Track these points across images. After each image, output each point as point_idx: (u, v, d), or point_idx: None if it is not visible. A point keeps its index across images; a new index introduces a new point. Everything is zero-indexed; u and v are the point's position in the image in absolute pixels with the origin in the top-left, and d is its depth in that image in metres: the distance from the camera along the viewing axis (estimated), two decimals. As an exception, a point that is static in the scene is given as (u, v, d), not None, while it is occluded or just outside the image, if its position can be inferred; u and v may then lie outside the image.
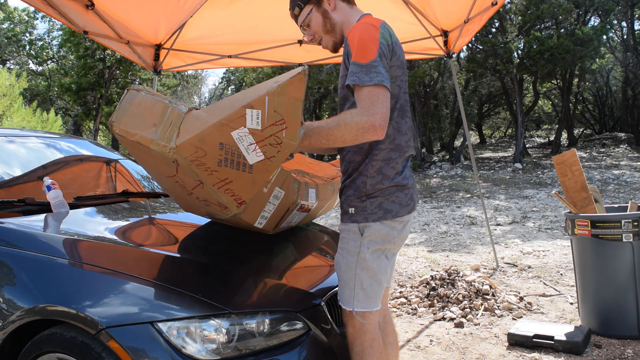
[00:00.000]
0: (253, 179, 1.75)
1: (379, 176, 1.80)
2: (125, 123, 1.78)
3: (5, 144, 2.60)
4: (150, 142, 1.70)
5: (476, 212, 8.71)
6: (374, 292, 1.84)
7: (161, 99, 1.75)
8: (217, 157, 1.67)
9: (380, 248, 1.83)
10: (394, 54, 1.74)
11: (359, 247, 1.82)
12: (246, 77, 22.46)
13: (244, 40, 4.82)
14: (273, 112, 1.64)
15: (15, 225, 1.98)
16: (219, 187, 1.74)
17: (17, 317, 1.73)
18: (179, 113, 1.68)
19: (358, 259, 1.82)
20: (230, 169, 1.70)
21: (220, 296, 1.72)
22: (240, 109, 1.62)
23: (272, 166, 1.75)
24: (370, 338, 1.85)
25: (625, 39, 18.91)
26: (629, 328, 3.09)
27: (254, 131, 1.65)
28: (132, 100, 1.81)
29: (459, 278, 4.13)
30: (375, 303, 1.86)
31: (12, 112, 10.53)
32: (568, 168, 3.39)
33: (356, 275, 1.83)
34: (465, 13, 4.06)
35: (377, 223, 1.80)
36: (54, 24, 25.51)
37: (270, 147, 1.69)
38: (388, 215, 1.80)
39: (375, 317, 1.88)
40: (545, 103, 24.67)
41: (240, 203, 1.82)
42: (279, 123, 1.66)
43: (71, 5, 3.38)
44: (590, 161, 14.64)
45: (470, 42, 16.20)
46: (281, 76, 1.66)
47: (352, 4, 1.92)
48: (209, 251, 2.07)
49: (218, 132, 1.63)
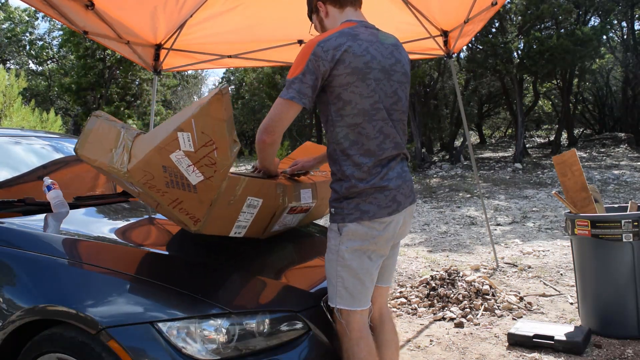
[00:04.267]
0: (199, 198, 1.79)
1: (352, 180, 1.84)
2: (87, 149, 1.86)
3: (5, 144, 2.60)
4: (107, 167, 1.75)
5: (476, 212, 8.71)
6: (357, 291, 1.86)
7: (115, 124, 1.81)
8: (164, 180, 1.71)
9: (361, 248, 1.85)
10: (338, 63, 1.78)
11: (337, 246, 1.86)
12: (246, 77, 22.47)
13: (244, 40, 4.82)
14: (201, 134, 1.69)
15: (15, 225, 1.98)
16: (173, 207, 1.78)
17: (17, 317, 1.73)
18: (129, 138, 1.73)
19: (337, 258, 1.86)
20: (178, 189, 1.74)
21: (220, 296, 1.72)
22: (172, 132, 1.67)
23: (213, 185, 1.78)
24: (357, 337, 1.87)
25: (625, 39, 18.92)
26: (629, 328, 3.09)
27: (188, 153, 1.70)
28: (92, 126, 1.88)
29: (459, 278, 4.13)
30: (359, 302, 1.88)
31: (11, 112, 10.52)
32: (568, 168, 3.39)
33: (337, 273, 1.87)
34: (465, 13, 4.06)
35: (353, 223, 1.83)
36: (54, 24, 25.51)
37: (206, 168, 1.74)
38: (364, 216, 1.82)
39: (360, 317, 1.89)
40: (545, 103, 24.67)
41: (195, 221, 1.85)
42: (209, 144, 1.72)
43: (71, 6, 3.38)
44: (590, 161, 14.64)
45: (470, 42, 16.19)
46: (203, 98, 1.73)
47: (343, 9, 1.97)
48: (209, 251, 2.07)
49: (159, 155, 1.68)
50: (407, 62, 2.01)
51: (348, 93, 1.81)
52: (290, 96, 1.77)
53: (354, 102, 1.82)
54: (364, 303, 1.89)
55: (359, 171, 1.84)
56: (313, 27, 2.11)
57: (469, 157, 10.14)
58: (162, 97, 22.80)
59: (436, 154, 20.19)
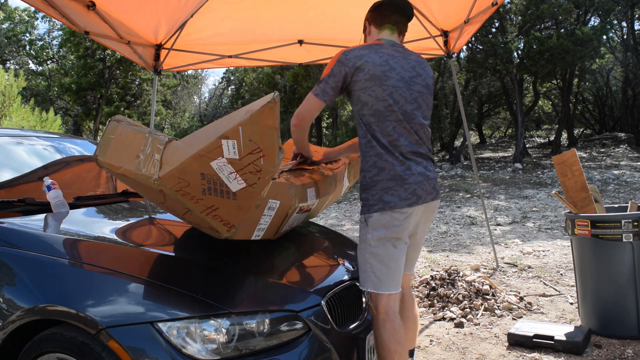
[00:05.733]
0: (238, 204, 1.78)
1: (374, 169, 2.12)
2: (108, 156, 1.80)
3: (5, 144, 2.60)
4: (134, 174, 1.71)
5: (476, 212, 8.71)
6: (384, 276, 2.10)
7: (141, 129, 1.77)
8: (200, 187, 1.68)
9: (385, 236, 2.09)
10: (358, 70, 2.11)
11: (365, 235, 2.13)
12: (246, 77, 22.45)
13: (244, 40, 4.83)
14: (248, 142, 1.67)
15: (15, 225, 1.98)
16: (207, 214, 1.76)
17: (17, 317, 1.73)
18: (159, 144, 1.69)
19: (366, 246, 2.12)
20: (215, 196, 1.72)
21: (220, 296, 1.72)
22: (216, 139, 1.64)
23: (255, 192, 1.77)
24: (382, 318, 2.09)
25: (625, 39, 18.91)
26: (629, 328, 3.09)
27: (232, 160, 1.68)
28: (113, 132, 1.83)
29: (459, 278, 4.13)
30: (387, 286, 2.11)
31: (11, 112, 10.52)
32: (568, 168, 3.39)
33: (366, 260, 2.12)
34: (465, 13, 4.06)
35: (377, 213, 2.09)
36: (54, 24, 25.51)
37: (250, 175, 1.72)
38: (387, 206, 2.08)
39: (387, 300, 2.11)
40: (545, 103, 24.66)
41: (229, 227, 1.84)
42: (255, 152, 1.69)
43: (72, 6, 3.38)
44: (590, 161, 14.64)
45: (470, 42, 16.20)
46: (252, 104, 1.69)
47: (381, 30, 2.31)
48: (209, 251, 2.07)
49: (197, 163, 1.65)
50: (430, 77, 2.29)
51: (366, 96, 2.12)
52: (316, 93, 2.14)
53: (370, 103, 2.12)
54: (393, 287, 2.12)
55: (380, 160, 2.11)
56: None
57: (469, 157, 10.14)
58: (162, 97, 22.78)
59: (436, 154, 20.19)
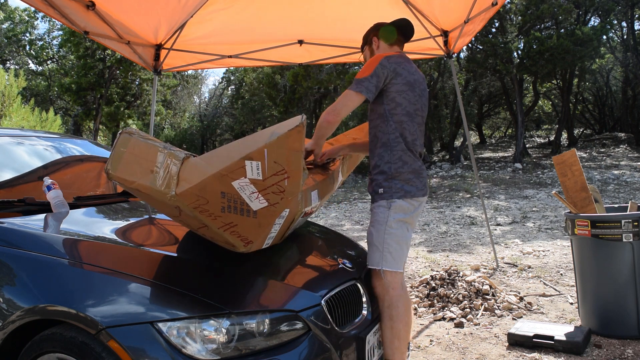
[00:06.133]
0: (258, 222, 1.76)
1: (399, 162, 2.40)
2: (121, 170, 1.74)
3: (5, 144, 2.60)
4: (149, 189, 1.68)
5: (476, 212, 8.71)
6: (399, 255, 2.38)
7: (155, 143, 1.73)
8: (220, 205, 1.65)
9: (403, 220, 2.39)
10: (397, 75, 2.37)
11: (386, 218, 2.38)
12: (246, 77, 22.43)
13: (244, 40, 4.82)
14: (273, 163, 1.64)
15: (16, 225, 1.98)
16: (224, 230, 1.73)
17: (17, 317, 1.73)
18: (176, 159, 1.65)
19: (386, 227, 2.37)
20: (235, 214, 1.69)
21: (220, 296, 1.72)
22: (240, 160, 1.61)
23: (276, 211, 1.75)
24: (397, 294, 2.33)
25: (625, 39, 18.90)
26: (629, 328, 3.08)
27: (255, 181, 1.65)
28: (125, 145, 1.76)
29: (459, 278, 4.13)
30: (399, 265, 2.37)
31: (11, 112, 10.52)
32: (568, 168, 3.39)
33: (384, 240, 2.37)
34: (465, 13, 4.06)
35: (400, 200, 2.38)
36: (54, 24, 25.50)
37: (273, 195, 1.70)
38: (408, 194, 2.40)
39: (399, 278, 2.38)
40: (545, 103, 24.65)
41: (247, 243, 1.82)
42: (280, 173, 1.66)
43: (72, 6, 3.38)
44: (590, 161, 14.64)
45: (470, 42, 16.18)
46: (278, 126, 1.65)
47: (392, 45, 2.59)
48: (209, 251, 2.07)
49: (218, 182, 1.62)
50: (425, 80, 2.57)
51: (401, 98, 2.40)
52: (359, 90, 2.30)
53: (403, 105, 2.40)
54: (402, 266, 2.40)
55: (405, 155, 2.40)
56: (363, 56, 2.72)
57: (469, 157, 10.13)
58: (162, 97, 22.76)
59: (436, 154, 20.19)
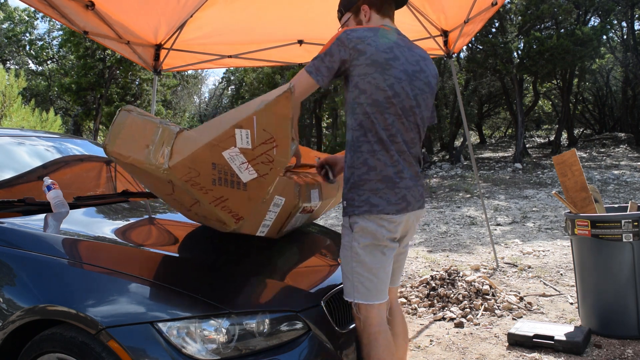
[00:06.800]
0: (248, 195, 1.77)
1: (364, 167, 1.89)
2: (118, 145, 1.79)
3: (5, 144, 2.60)
4: (143, 163, 1.70)
5: (476, 212, 8.71)
6: (373, 285, 1.91)
7: (152, 119, 1.76)
8: (210, 177, 1.68)
9: (372, 244, 1.89)
10: (360, 53, 1.87)
11: (351, 242, 1.92)
12: (246, 77, 22.43)
13: (244, 40, 4.82)
14: (262, 131, 1.66)
15: (16, 225, 1.98)
16: (215, 205, 1.75)
17: (17, 317, 1.73)
18: (170, 133, 1.68)
19: (352, 254, 1.91)
20: (225, 187, 1.71)
21: (220, 296, 1.72)
22: (230, 129, 1.63)
23: (265, 182, 1.76)
24: (376, 331, 1.92)
25: (625, 39, 18.90)
26: (629, 328, 3.09)
27: (244, 150, 1.67)
28: (123, 121, 1.81)
29: (459, 278, 4.13)
30: (376, 296, 1.92)
31: (11, 112, 10.53)
32: (568, 168, 3.39)
33: (353, 268, 1.92)
34: (465, 13, 4.06)
35: (364, 219, 1.88)
36: (54, 24, 25.50)
37: (262, 165, 1.71)
38: (374, 209, 1.87)
39: (377, 311, 1.94)
40: (545, 103, 24.66)
41: (238, 219, 1.83)
42: (269, 142, 1.68)
43: (71, 6, 3.38)
44: (590, 161, 14.64)
45: (470, 42, 16.18)
46: (267, 94, 1.68)
47: (384, 15, 2.05)
48: (209, 251, 2.07)
49: (209, 152, 1.64)
50: (433, 76, 2.06)
51: (365, 83, 1.88)
52: (309, 70, 1.88)
53: (368, 91, 1.89)
54: (381, 297, 1.94)
55: (372, 158, 1.89)
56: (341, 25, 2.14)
57: (469, 157, 10.14)
58: (162, 97, 22.77)
59: (436, 154, 20.19)
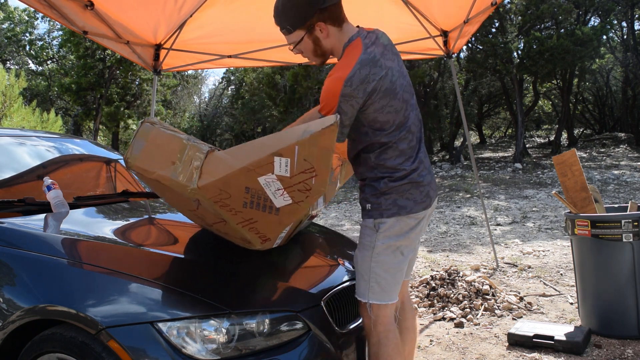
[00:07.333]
0: (279, 220, 1.74)
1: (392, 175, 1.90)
2: (141, 160, 1.72)
3: (5, 144, 2.60)
4: (169, 180, 1.66)
5: (476, 212, 8.71)
6: (389, 286, 1.94)
7: (177, 134, 1.71)
8: (242, 200, 1.64)
9: (394, 244, 1.92)
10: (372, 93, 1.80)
11: (374, 242, 1.92)
12: (246, 77, 22.43)
13: (244, 40, 4.82)
14: (303, 161, 1.62)
15: (16, 225, 1.98)
16: (243, 226, 1.72)
17: (17, 317, 1.73)
18: (199, 152, 1.64)
19: (372, 254, 1.93)
20: (256, 210, 1.68)
21: (220, 296, 1.72)
22: (268, 156, 1.60)
23: (299, 209, 1.73)
24: (385, 330, 1.95)
25: (625, 39, 18.90)
26: (629, 328, 3.09)
27: (282, 178, 1.63)
28: (146, 135, 1.74)
29: (459, 278, 4.13)
30: (390, 297, 1.95)
31: (11, 112, 10.54)
32: (568, 168, 3.39)
33: (371, 269, 1.93)
34: (465, 13, 4.06)
35: (391, 219, 1.90)
36: (54, 24, 25.50)
37: (298, 193, 1.68)
38: (402, 211, 1.90)
39: (389, 310, 1.97)
40: (545, 103, 24.66)
41: (264, 240, 1.81)
42: (308, 171, 1.64)
43: (70, 6, 3.37)
44: (590, 161, 14.64)
45: (470, 42, 16.19)
46: (311, 124, 1.63)
47: (341, 26, 1.90)
48: (209, 251, 2.07)
49: (244, 177, 1.61)
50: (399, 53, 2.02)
51: (385, 114, 1.86)
52: None
53: (391, 120, 1.88)
54: (394, 297, 1.97)
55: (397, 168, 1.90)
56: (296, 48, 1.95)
57: (469, 157, 10.14)
58: (162, 97, 22.76)
59: (436, 154, 20.19)
